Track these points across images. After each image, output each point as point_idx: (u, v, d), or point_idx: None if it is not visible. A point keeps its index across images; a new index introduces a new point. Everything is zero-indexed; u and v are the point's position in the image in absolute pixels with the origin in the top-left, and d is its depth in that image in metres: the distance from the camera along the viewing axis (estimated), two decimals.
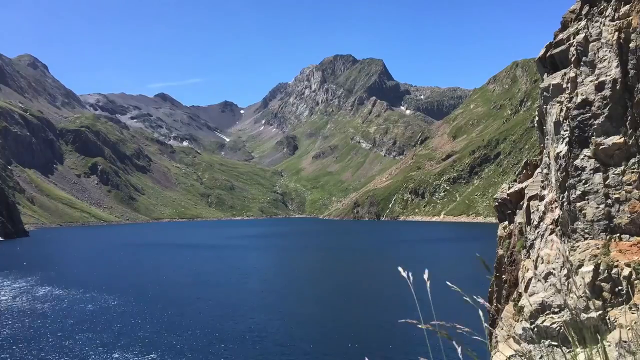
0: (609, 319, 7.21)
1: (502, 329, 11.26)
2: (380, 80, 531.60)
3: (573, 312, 7.68)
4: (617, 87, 7.87)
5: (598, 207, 7.96)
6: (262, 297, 46.16)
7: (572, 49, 8.90)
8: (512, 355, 8.03)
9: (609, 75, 7.99)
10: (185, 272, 63.37)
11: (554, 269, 8.83)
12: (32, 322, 37.08)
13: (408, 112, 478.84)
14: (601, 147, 7.97)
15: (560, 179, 8.67)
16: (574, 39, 8.91)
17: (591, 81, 8.24)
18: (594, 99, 8.13)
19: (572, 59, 8.82)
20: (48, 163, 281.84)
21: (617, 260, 7.46)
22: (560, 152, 8.74)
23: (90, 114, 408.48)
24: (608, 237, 7.79)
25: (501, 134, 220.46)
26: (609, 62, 8.04)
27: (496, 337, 11.56)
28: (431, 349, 3.57)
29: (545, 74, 9.93)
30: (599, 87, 8.08)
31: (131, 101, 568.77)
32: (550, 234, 9.70)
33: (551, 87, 9.33)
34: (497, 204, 14.66)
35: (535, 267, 9.81)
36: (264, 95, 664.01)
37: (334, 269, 67.82)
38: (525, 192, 11.74)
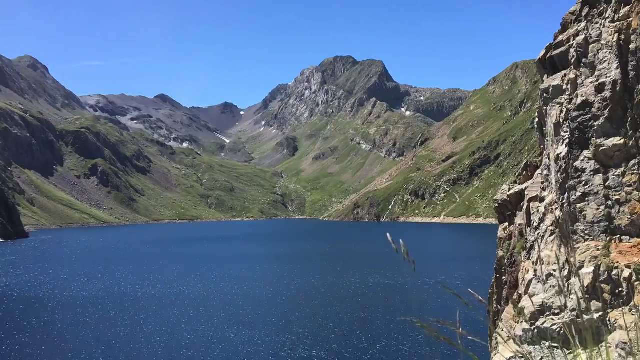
0: (609, 320, 7.20)
1: (502, 330, 11.25)
2: (380, 81, 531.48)
3: (573, 313, 7.68)
4: (617, 88, 7.86)
5: (598, 209, 7.95)
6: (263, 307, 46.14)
7: (572, 50, 8.90)
8: (512, 357, 8.03)
9: (609, 76, 7.98)
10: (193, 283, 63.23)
11: (554, 270, 8.82)
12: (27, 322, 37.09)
13: (408, 113, 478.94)
14: (601, 148, 7.96)
15: (561, 181, 8.66)
16: (574, 40, 8.91)
17: (591, 83, 8.23)
18: (594, 101, 8.12)
19: (572, 61, 8.82)
20: (48, 164, 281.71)
21: (618, 262, 7.45)
22: (560, 153, 8.73)
23: (90, 115, 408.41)
24: (608, 238, 7.78)
25: (501, 135, 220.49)
26: (609, 63, 8.04)
27: (496, 338, 11.56)
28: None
29: (545, 76, 9.92)
30: (599, 88, 8.08)
31: (131, 102, 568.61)
32: (551, 235, 9.69)
33: (551, 88, 9.32)
34: (497, 205, 14.64)
35: (536, 269, 9.81)
36: (264, 97, 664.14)
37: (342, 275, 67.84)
38: (526, 193, 11.72)
